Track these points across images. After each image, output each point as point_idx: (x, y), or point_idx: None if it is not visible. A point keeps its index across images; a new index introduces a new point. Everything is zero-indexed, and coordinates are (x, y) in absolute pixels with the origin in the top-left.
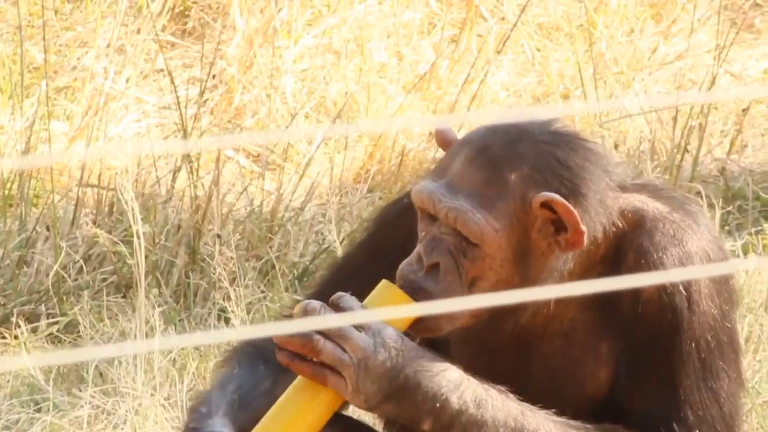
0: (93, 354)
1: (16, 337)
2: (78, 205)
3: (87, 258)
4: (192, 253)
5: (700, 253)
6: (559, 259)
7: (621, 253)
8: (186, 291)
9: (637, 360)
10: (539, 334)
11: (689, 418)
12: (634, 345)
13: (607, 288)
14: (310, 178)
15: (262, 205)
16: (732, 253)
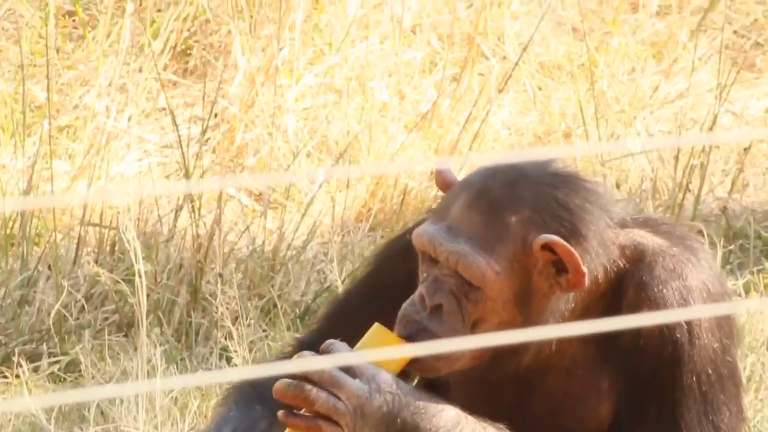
0: (95, 394)
1: (18, 377)
2: (80, 244)
3: (89, 297)
4: (194, 292)
5: (700, 287)
6: (560, 299)
7: (622, 288)
8: (188, 330)
9: (638, 394)
10: (540, 371)
11: None
12: (634, 379)
13: (610, 327)
14: (312, 217)
15: (264, 244)
16: (734, 292)
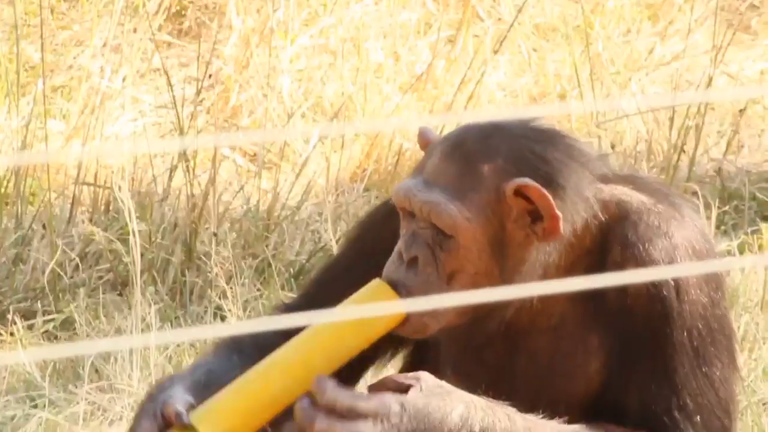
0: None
1: (12, 334)
2: (74, 203)
3: (83, 256)
4: (188, 251)
5: (686, 244)
6: (539, 251)
7: (606, 246)
8: (182, 289)
9: (628, 351)
10: (528, 330)
11: (688, 405)
12: (625, 337)
13: (595, 285)
14: (307, 177)
15: (258, 203)
16: (728, 253)
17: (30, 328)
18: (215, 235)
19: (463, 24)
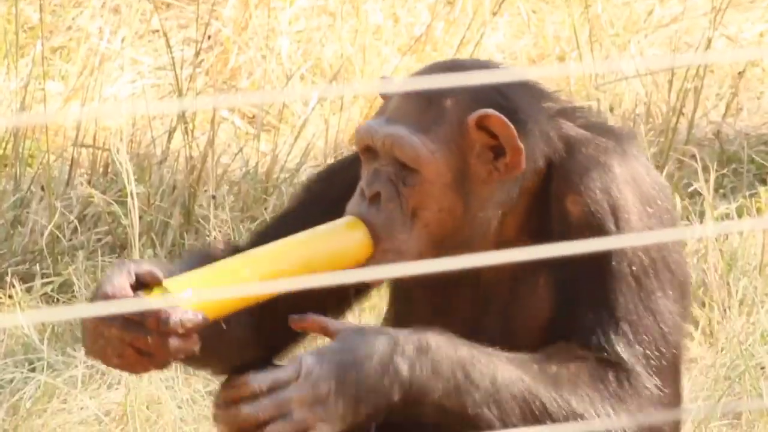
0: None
1: (11, 297)
2: (73, 165)
3: (81, 218)
4: (187, 213)
5: (625, 176)
6: (501, 189)
7: (549, 179)
8: (181, 252)
9: (572, 284)
10: (491, 281)
11: (628, 335)
12: (568, 271)
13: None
14: (306, 139)
15: (257, 166)
16: (726, 216)
17: (28, 290)
18: (214, 197)
19: None
